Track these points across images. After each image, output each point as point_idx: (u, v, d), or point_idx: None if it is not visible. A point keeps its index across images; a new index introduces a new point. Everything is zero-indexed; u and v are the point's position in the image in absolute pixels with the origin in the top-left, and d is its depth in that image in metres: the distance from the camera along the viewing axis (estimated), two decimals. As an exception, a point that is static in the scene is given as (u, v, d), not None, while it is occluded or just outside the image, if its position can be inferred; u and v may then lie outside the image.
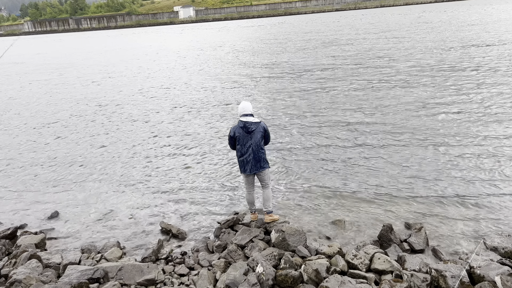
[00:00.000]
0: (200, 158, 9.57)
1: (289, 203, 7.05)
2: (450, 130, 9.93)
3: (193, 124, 12.59)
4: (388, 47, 27.01)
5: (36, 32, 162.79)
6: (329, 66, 21.20)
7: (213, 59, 29.49)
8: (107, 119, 14.14)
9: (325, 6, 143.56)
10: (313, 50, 29.20)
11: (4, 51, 12.93)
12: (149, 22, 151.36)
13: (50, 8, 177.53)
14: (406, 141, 9.46)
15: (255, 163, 6.00)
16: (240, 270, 4.77)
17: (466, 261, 4.81)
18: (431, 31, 35.06)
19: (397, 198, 6.90)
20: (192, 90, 18.22)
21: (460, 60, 19.54)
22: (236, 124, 6.06)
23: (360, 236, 5.90)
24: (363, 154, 8.92)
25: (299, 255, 5.24)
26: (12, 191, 8.56)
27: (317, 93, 15.22)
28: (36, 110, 16.68)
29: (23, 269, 5.03)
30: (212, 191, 7.80)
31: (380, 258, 4.84)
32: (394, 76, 17.15)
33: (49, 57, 44.56)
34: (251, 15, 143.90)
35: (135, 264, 5.08)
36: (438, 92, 13.76)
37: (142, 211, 7.22)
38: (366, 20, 62.55)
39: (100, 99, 18.00)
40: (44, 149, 11.28)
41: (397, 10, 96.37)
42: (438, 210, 6.41)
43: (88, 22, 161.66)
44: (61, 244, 6.36)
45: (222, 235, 6.09)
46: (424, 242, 5.47)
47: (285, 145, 9.91)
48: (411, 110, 11.95)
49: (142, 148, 10.70)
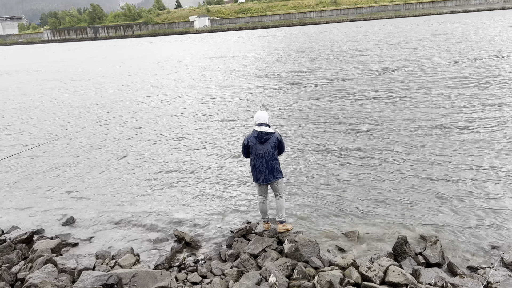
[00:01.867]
0: (214, 166, 9.61)
1: (302, 213, 7.02)
2: (471, 144, 9.79)
3: (206, 132, 12.67)
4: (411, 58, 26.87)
5: (55, 41, 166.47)
6: (356, 76, 21.19)
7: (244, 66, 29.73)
8: (129, 126, 14.32)
9: (340, 16, 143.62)
10: (335, 60, 29.21)
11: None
12: (164, 32, 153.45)
13: (69, 17, 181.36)
14: (424, 155, 9.36)
15: (268, 173, 6.01)
16: (253, 279, 4.76)
17: (483, 276, 4.71)
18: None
19: (412, 210, 6.82)
20: (216, 97, 18.38)
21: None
22: (250, 133, 6.09)
23: (374, 248, 5.83)
24: (379, 166, 8.85)
25: (312, 266, 5.21)
26: (30, 197, 8.71)
27: (334, 103, 15.20)
28: (58, 116, 17.00)
29: (39, 273, 5.10)
30: (225, 199, 7.82)
31: (395, 271, 4.77)
32: (416, 89, 17.04)
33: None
34: (266, 25, 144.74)
35: (148, 271, 5.11)
36: (464, 107, 13.60)
37: (156, 219, 7.27)
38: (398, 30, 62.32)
39: (127, 105, 18.28)
40: (63, 155, 11.46)
41: (416, 20, 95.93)
42: (455, 223, 6.31)
43: (105, 31, 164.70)
44: (76, 250, 6.44)
45: (234, 244, 6.09)
46: (440, 256, 5.37)
47: (299, 155, 9.90)
48: (429, 125, 11.84)
49: (158, 156, 10.79)
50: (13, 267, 5.60)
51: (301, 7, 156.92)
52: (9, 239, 6.50)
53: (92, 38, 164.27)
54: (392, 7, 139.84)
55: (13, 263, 5.74)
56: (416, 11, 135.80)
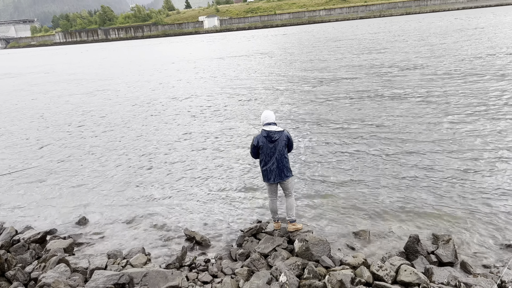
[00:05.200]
0: (224, 166, 9.63)
1: (312, 212, 6.99)
2: (487, 144, 9.65)
3: (213, 131, 12.69)
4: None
5: (67, 43, 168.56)
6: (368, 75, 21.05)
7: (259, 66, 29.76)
8: (144, 126, 14.42)
9: (350, 14, 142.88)
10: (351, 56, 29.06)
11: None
12: (174, 32, 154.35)
13: (80, 19, 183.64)
14: (436, 153, 9.26)
15: (279, 172, 5.99)
16: (263, 279, 4.75)
17: (497, 275, 4.64)
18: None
19: (424, 208, 6.74)
20: (226, 96, 18.43)
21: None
22: (259, 133, 6.06)
23: (385, 247, 5.78)
24: (390, 165, 8.78)
25: (323, 265, 5.18)
26: (43, 197, 8.83)
27: (346, 102, 15.12)
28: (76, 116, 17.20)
29: (52, 273, 5.16)
30: (235, 199, 7.83)
31: (407, 270, 4.72)
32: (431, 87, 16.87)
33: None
34: (275, 24, 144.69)
35: (159, 271, 5.14)
36: (483, 104, 13.43)
37: (166, 218, 7.31)
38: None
39: (146, 106, 18.42)
40: (76, 157, 11.59)
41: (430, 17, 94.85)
42: (467, 222, 6.22)
43: (116, 32, 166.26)
44: (88, 249, 6.51)
45: (245, 243, 6.09)
46: (453, 255, 5.31)
47: (308, 154, 9.86)
48: (444, 123, 11.71)
49: (169, 156, 10.85)
50: (26, 266, 5.67)
51: (310, 5, 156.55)
52: (23, 239, 6.59)
53: (103, 39, 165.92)
54: (403, 4, 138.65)
55: (27, 263, 5.82)
56: (427, 7, 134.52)
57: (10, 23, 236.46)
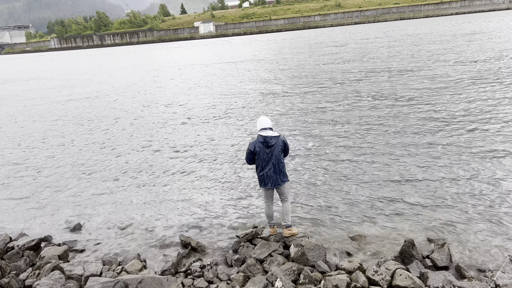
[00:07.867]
0: (219, 172, 9.63)
1: (308, 217, 7.00)
2: (482, 147, 9.72)
3: (210, 136, 12.70)
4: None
5: (62, 48, 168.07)
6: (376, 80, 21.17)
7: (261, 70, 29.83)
8: (135, 132, 14.41)
9: (344, 19, 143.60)
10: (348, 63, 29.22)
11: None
12: (170, 38, 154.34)
13: (76, 25, 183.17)
14: (431, 156, 9.31)
15: (275, 178, 6.00)
16: (259, 284, 4.75)
17: (491, 278, 4.67)
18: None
19: (419, 213, 6.77)
20: (221, 100, 18.45)
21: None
22: (255, 139, 6.07)
23: (381, 252, 5.80)
24: (385, 169, 8.82)
25: (318, 270, 5.19)
26: (37, 204, 8.78)
27: (340, 105, 15.19)
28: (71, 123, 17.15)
29: (46, 280, 5.13)
30: (231, 204, 7.83)
31: (402, 274, 4.74)
32: (427, 89, 16.98)
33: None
34: (270, 29, 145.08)
35: (155, 277, 5.12)
36: (471, 106, 13.54)
37: (162, 224, 7.29)
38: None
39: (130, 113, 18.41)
40: (69, 163, 11.55)
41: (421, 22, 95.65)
42: (462, 226, 6.26)
43: (111, 38, 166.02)
44: (83, 256, 6.47)
45: (241, 249, 6.09)
46: (448, 259, 5.33)
47: (304, 158, 9.89)
48: (436, 125, 11.79)
49: (163, 161, 10.84)
50: (21, 274, 5.64)
51: (305, 11, 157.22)
52: (17, 246, 6.54)
53: (98, 45, 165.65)
54: (397, 9, 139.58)
55: (21, 270, 5.78)
56: (420, 13, 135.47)
57: (4, 29, 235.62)
